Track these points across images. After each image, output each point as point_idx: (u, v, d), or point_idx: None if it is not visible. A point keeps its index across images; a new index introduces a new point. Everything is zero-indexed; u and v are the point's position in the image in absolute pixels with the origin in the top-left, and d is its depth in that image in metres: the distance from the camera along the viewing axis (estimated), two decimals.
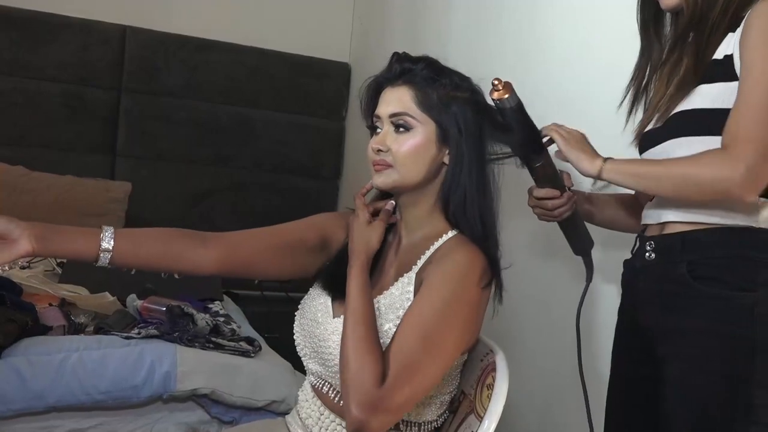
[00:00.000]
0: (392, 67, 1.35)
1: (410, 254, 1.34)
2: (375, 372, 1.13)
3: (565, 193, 1.51)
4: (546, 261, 2.07)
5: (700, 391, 1.27)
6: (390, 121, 1.32)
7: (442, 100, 1.30)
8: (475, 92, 1.34)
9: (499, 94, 1.39)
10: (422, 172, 1.32)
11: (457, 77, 1.34)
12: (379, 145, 1.32)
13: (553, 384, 2.01)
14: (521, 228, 1.95)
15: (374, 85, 1.39)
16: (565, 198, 1.51)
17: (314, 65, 3.69)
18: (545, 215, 1.54)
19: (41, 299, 2.17)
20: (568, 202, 1.52)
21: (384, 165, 1.32)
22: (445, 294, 1.19)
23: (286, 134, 3.63)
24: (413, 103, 1.31)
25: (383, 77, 1.36)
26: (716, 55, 1.30)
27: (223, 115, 3.54)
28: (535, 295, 2.10)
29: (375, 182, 1.34)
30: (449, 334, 1.19)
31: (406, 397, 1.14)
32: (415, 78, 1.32)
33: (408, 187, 1.34)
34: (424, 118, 1.31)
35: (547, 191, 1.49)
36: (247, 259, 1.34)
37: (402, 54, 1.36)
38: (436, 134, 1.31)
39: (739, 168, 1.16)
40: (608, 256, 1.78)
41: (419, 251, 1.32)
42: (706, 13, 1.32)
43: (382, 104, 1.35)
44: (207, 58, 3.51)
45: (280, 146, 3.63)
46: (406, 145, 1.31)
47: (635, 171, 1.29)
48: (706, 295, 1.27)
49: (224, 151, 3.56)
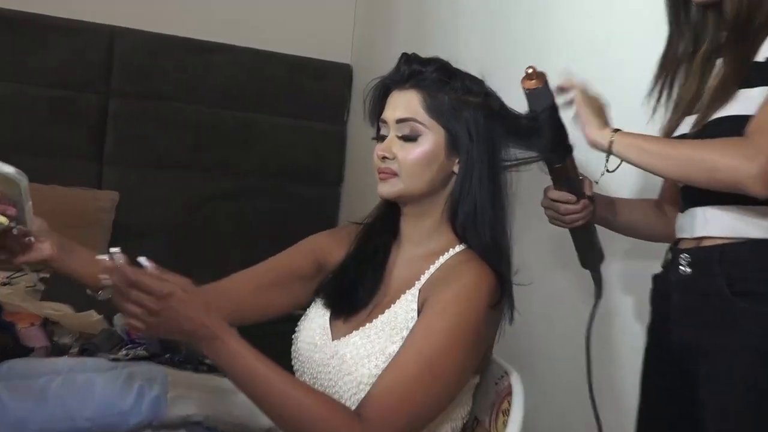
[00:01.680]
0: (400, 69, 1.32)
1: (414, 269, 1.31)
2: (338, 417, 1.09)
3: (582, 200, 1.47)
4: (564, 274, 2.03)
5: (743, 413, 1.22)
6: (397, 126, 1.30)
7: (453, 105, 1.28)
8: (488, 96, 1.31)
9: (530, 84, 1.35)
10: (429, 181, 1.30)
11: (469, 80, 1.31)
12: (384, 152, 1.29)
13: (571, 406, 1.97)
14: (538, 238, 1.91)
15: (381, 87, 1.36)
16: (580, 205, 1.47)
17: (314, 66, 3.62)
18: (556, 219, 1.51)
19: (22, 318, 2.07)
20: (583, 211, 1.49)
21: (389, 173, 1.30)
22: (450, 319, 1.16)
23: (285, 138, 3.56)
24: (422, 108, 1.29)
25: (390, 79, 1.34)
26: (757, 57, 1.26)
27: (219, 119, 3.46)
28: (551, 311, 2.07)
29: (380, 191, 1.31)
30: (454, 362, 1.16)
31: (403, 430, 1.11)
32: (425, 81, 1.29)
33: (414, 198, 1.31)
34: (432, 124, 1.29)
35: (563, 194, 1.46)
36: (237, 308, 1.30)
37: (411, 55, 1.33)
38: (446, 141, 1.29)
39: (758, 159, 1.11)
40: (630, 267, 1.75)
41: (423, 266, 1.29)
42: (753, 14, 1.27)
43: (389, 108, 1.32)
44: (201, 59, 3.42)
45: (279, 151, 3.55)
46: (413, 153, 1.28)
47: (642, 145, 1.25)
48: (746, 311, 1.22)
49: (220, 157, 3.48)
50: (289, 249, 1.39)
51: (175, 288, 1.03)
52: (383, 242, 1.38)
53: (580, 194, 1.47)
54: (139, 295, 1.01)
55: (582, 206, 1.48)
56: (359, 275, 1.34)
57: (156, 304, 1.02)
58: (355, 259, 1.37)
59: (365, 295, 1.32)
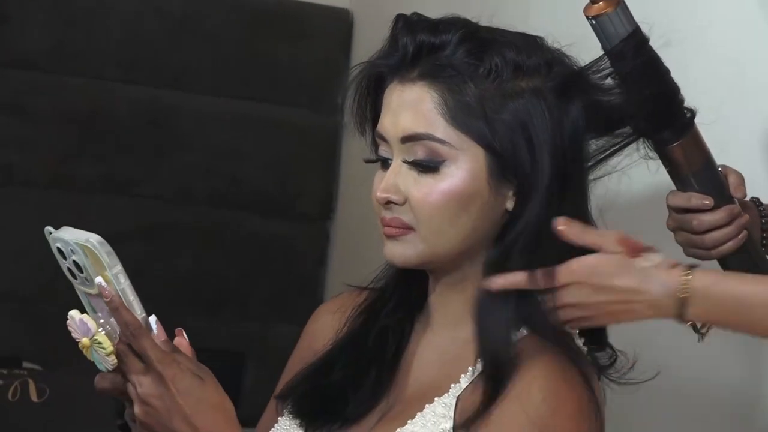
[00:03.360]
0: (398, 45, 1.11)
1: (448, 364, 1.13)
2: None
3: (726, 205, 1.23)
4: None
5: None
6: (403, 148, 1.10)
7: (494, 101, 1.08)
8: (552, 66, 1.10)
9: (597, 8, 1.17)
10: (467, 233, 1.11)
11: (514, 48, 1.09)
12: (388, 195, 1.09)
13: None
14: None
15: (369, 77, 1.16)
16: (724, 213, 1.22)
17: (288, 14, 2.83)
18: (693, 246, 1.27)
19: None
20: (732, 223, 1.23)
21: (400, 228, 1.10)
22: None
23: (236, 138, 2.78)
24: (441, 114, 1.08)
25: (384, 64, 1.13)
26: None
27: (122, 102, 2.70)
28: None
29: (388, 255, 1.13)
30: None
31: None
32: (440, 68, 1.09)
33: (444, 262, 1.13)
34: (462, 140, 1.08)
35: (691, 196, 1.24)
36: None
37: (413, 18, 1.11)
38: (488, 166, 1.09)
39: None
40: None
41: (464, 361, 1.10)
42: None
43: (387, 115, 1.11)
44: (92, 3, 2.66)
45: (225, 159, 2.77)
46: (435, 192, 1.09)
47: (737, 292, 1.04)
48: None
49: (122, 168, 2.72)
50: (294, 356, 1.30)
51: (177, 371, 1.03)
52: (397, 321, 1.21)
53: (721, 194, 1.26)
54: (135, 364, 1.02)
55: (727, 214, 1.23)
56: (355, 373, 1.20)
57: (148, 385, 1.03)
58: (349, 349, 1.22)
59: (360, 404, 1.17)
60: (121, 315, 1.00)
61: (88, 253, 0.98)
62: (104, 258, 0.99)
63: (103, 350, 1.01)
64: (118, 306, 1.00)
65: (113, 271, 1.01)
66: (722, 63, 1.71)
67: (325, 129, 2.86)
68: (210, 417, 1.03)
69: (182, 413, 1.01)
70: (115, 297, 1.00)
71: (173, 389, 1.01)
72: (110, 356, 1.01)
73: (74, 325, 1.01)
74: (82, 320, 1.01)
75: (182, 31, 2.70)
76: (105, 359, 1.01)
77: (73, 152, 2.64)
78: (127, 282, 1.03)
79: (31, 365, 2.34)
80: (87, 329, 1.01)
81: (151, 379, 1.01)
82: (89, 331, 1.01)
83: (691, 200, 1.27)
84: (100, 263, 0.99)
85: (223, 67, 2.76)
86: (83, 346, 1.02)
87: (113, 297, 1.00)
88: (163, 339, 1.03)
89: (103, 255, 0.99)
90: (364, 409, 1.18)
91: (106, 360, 1.02)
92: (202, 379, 1.04)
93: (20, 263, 2.46)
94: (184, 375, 1.02)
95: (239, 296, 2.59)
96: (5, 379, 2.13)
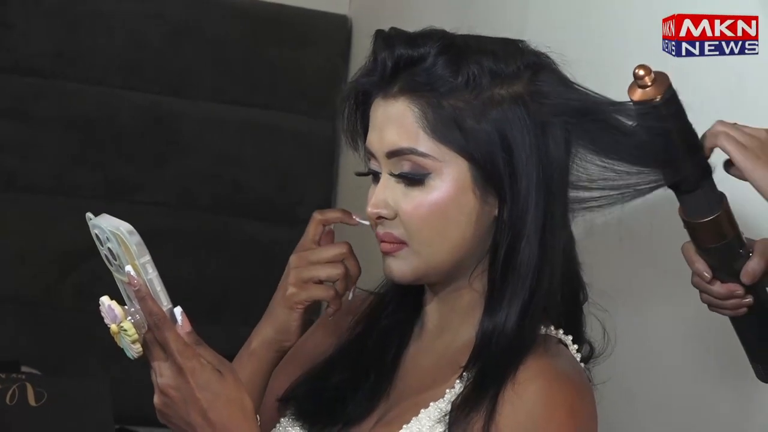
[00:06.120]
0: (377, 63, 1.11)
1: (444, 369, 1.13)
2: None
3: (729, 282, 1.23)
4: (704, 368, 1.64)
5: None
6: (390, 163, 1.12)
7: (473, 111, 1.09)
8: (534, 71, 1.10)
9: (645, 94, 1.11)
10: (457, 243, 1.12)
11: (491, 57, 1.10)
12: (378, 210, 1.11)
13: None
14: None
15: (357, 95, 1.16)
16: (723, 290, 1.22)
17: (288, 21, 2.89)
18: (715, 307, 1.27)
19: None
20: (730, 299, 1.24)
21: (394, 244, 1.11)
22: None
23: (236, 144, 2.85)
24: (422, 128, 1.09)
25: (366, 81, 1.14)
26: None
27: (123, 108, 2.74)
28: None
29: (386, 273, 1.14)
30: None
31: None
32: (419, 83, 1.09)
33: (440, 272, 1.14)
34: (444, 152, 1.10)
35: (695, 261, 1.23)
36: None
37: (391, 33, 1.12)
38: (472, 175, 1.10)
39: None
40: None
41: (459, 367, 1.11)
42: None
43: (374, 131, 1.12)
44: (94, 9, 2.70)
45: (225, 165, 2.83)
46: (423, 205, 1.10)
47: None
48: None
49: (123, 174, 2.76)
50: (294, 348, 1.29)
51: (197, 365, 1.04)
52: (396, 326, 1.22)
53: (729, 272, 1.23)
54: (158, 354, 1.04)
55: (726, 293, 1.23)
56: (355, 376, 1.20)
57: (168, 376, 1.04)
58: (350, 352, 1.23)
59: (359, 407, 1.18)
60: (147, 304, 1.02)
61: (120, 241, 1.00)
62: (133, 247, 1.00)
63: (128, 337, 1.03)
64: (145, 296, 1.02)
65: (141, 260, 1.02)
66: (721, 68, 1.66)
67: (325, 135, 2.90)
68: (226, 412, 1.04)
69: (199, 407, 1.03)
70: (143, 286, 1.01)
71: (192, 382, 1.03)
72: (135, 344, 1.02)
73: (104, 311, 1.03)
74: (110, 306, 1.02)
75: (183, 37, 2.74)
76: (131, 346, 1.03)
77: (74, 158, 2.68)
78: (155, 273, 1.05)
79: (29, 369, 2.35)
80: (114, 315, 1.02)
81: (171, 370, 1.02)
82: (116, 318, 1.02)
83: (693, 264, 1.27)
84: (130, 252, 1.01)
85: (223, 73, 2.80)
86: (113, 332, 1.03)
87: (140, 286, 1.01)
88: (187, 331, 1.04)
89: (132, 244, 1.00)
90: (363, 411, 1.19)
91: (131, 347, 1.03)
92: (222, 374, 1.05)
93: (20, 268, 2.46)
94: (204, 369, 1.03)
95: (240, 302, 2.59)
96: (3, 383, 2.13)
